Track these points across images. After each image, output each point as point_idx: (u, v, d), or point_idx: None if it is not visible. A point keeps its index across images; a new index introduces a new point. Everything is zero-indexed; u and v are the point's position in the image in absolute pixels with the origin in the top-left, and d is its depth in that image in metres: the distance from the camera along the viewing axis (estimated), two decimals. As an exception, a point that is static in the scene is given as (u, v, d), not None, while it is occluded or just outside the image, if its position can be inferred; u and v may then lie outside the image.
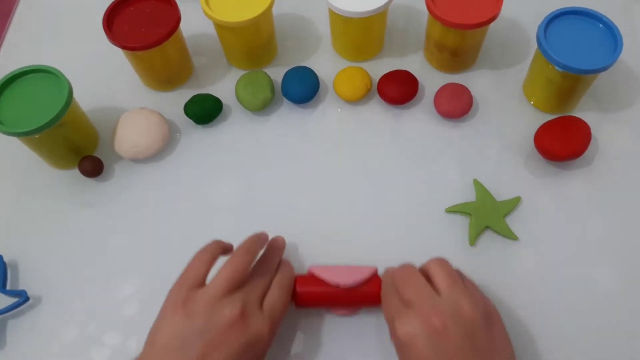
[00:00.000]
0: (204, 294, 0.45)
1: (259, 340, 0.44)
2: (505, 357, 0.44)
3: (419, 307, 0.44)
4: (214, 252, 0.48)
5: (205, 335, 0.43)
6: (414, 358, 0.42)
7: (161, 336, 0.44)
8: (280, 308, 0.47)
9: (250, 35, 0.64)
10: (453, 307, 0.43)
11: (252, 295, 0.46)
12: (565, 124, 0.59)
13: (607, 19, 0.58)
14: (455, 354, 0.41)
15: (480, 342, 0.42)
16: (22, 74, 0.58)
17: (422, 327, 0.42)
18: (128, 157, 0.62)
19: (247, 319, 0.44)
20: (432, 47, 0.65)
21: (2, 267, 0.56)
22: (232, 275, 0.46)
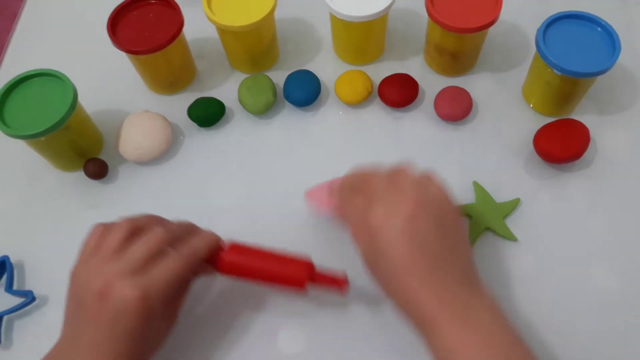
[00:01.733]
0: (83, 267, 0.46)
1: (125, 309, 0.42)
2: (464, 244, 0.45)
3: (389, 194, 0.44)
4: (106, 226, 0.48)
5: (83, 309, 0.44)
6: (384, 244, 0.42)
7: (65, 312, 0.47)
8: (164, 275, 0.44)
9: (253, 39, 0.64)
10: (420, 188, 0.44)
11: (124, 266, 0.44)
12: (564, 126, 0.60)
13: (605, 22, 0.58)
14: (427, 236, 0.42)
15: (449, 226, 0.44)
16: (28, 78, 0.59)
17: (392, 211, 0.43)
18: (132, 160, 0.63)
19: (111, 289, 0.43)
20: (432, 51, 0.66)
21: (9, 267, 0.57)
22: (105, 247, 0.45)
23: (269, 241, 0.57)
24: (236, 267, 0.50)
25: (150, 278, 0.44)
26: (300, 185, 0.61)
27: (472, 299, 0.43)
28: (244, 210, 0.60)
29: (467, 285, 0.43)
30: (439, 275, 0.42)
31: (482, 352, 0.40)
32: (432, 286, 0.42)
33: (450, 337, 0.40)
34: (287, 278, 0.50)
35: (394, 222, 0.43)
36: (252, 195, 0.61)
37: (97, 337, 0.43)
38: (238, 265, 0.50)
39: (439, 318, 0.41)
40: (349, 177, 0.50)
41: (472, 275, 0.45)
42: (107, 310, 0.42)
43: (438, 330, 0.41)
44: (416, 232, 0.42)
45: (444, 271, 0.42)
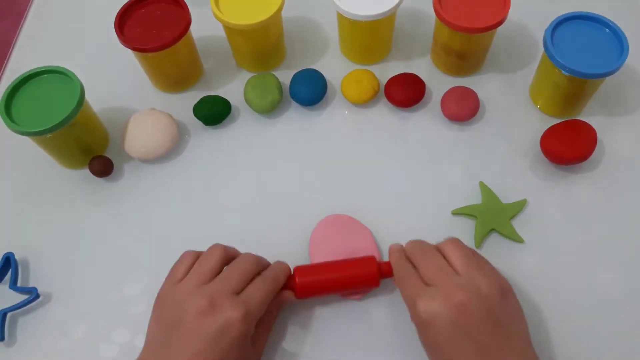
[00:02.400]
0: (181, 286, 0.48)
1: (229, 326, 0.44)
2: (519, 325, 0.46)
3: (440, 286, 0.45)
4: (197, 253, 0.51)
5: (181, 323, 0.45)
6: (436, 335, 0.44)
7: (149, 332, 0.48)
8: (259, 297, 0.48)
9: (259, 38, 0.64)
10: (471, 284, 0.45)
11: (224, 285, 0.47)
12: (571, 127, 0.60)
13: (613, 23, 0.58)
14: (477, 328, 0.43)
15: (497, 313, 0.44)
16: (35, 75, 0.59)
17: (444, 305, 0.44)
18: (138, 158, 0.63)
19: (216, 306, 0.45)
20: (440, 51, 0.66)
21: (14, 264, 0.57)
22: (203, 269, 0.48)
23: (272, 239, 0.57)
24: (313, 285, 0.52)
25: (248, 298, 0.47)
26: (306, 185, 0.61)
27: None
28: (249, 208, 0.60)
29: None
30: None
31: None
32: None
33: None
34: (363, 279, 0.52)
35: (443, 314, 0.44)
36: (257, 194, 0.61)
37: (194, 352, 0.44)
38: (315, 283, 0.51)
39: None
40: (407, 250, 0.51)
41: (526, 354, 0.45)
42: (209, 327, 0.44)
43: None
44: (464, 322, 0.43)
45: (495, 355, 0.43)
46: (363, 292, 0.54)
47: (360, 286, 0.52)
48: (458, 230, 0.57)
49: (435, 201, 0.59)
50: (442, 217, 0.58)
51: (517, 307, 0.47)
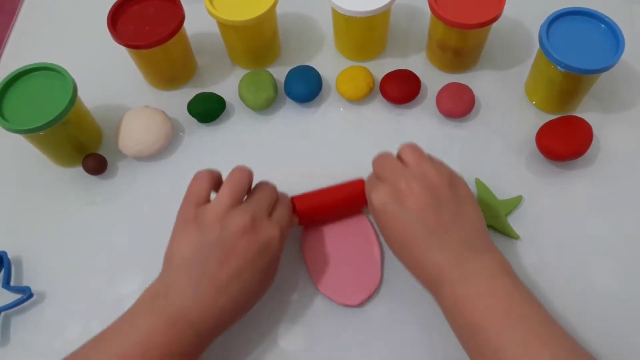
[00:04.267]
0: (211, 208, 0.47)
1: (271, 243, 0.47)
2: (469, 212, 0.48)
3: (388, 178, 0.49)
4: (212, 172, 0.51)
5: (221, 244, 0.46)
6: (386, 219, 0.48)
7: (178, 253, 0.47)
8: (286, 220, 0.50)
9: (254, 34, 0.64)
10: (418, 173, 0.48)
11: (259, 207, 0.48)
12: (567, 123, 0.60)
13: (609, 19, 0.58)
14: (421, 210, 0.46)
15: (444, 198, 0.47)
16: (27, 72, 0.58)
17: (391, 192, 0.48)
18: (131, 155, 0.62)
19: (257, 225, 0.47)
20: (435, 47, 0.65)
21: (7, 263, 0.57)
22: (236, 189, 0.49)
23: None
24: (314, 211, 0.55)
25: (278, 220, 0.49)
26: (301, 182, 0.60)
27: (474, 260, 0.46)
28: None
29: (469, 248, 0.46)
30: (438, 241, 0.46)
31: (485, 299, 0.44)
32: (434, 250, 0.46)
33: (453, 290, 0.45)
34: (357, 200, 0.54)
35: (390, 200, 0.47)
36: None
37: (234, 268, 0.45)
38: (314, 209, 0.54)
39: (443, 275, 0.45)
40: (373, 161, 0.53)
41: (476, 242, 0.47)
42: (251, 244, 0.46)
43: (442, 285, 0.46)
44: (410, 206, 0.47)
45: (444, 237, 0.46)
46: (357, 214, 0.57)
47: (354, 206, 0.56)
48: (454, 227, 0.57)
49: (431, 198, 0.59)
50: (437, 213, 0.58)
51: (468, 196, 0.49)
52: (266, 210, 0.49)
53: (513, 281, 0.46)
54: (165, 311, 0.45)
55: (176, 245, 0.47)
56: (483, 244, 0.47)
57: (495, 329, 0.43)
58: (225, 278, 0.45)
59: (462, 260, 0.45)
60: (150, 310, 0.45)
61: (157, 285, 0.47)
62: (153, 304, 0.46)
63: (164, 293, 0.46)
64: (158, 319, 0.44)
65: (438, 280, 0.46)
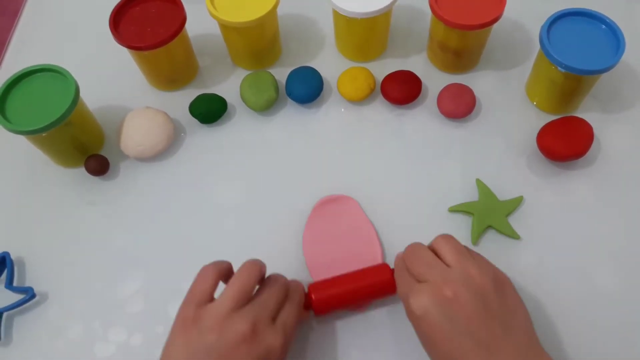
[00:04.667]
0: (212, 309, 0.44)
1: (270, 354, 0.43)
2: (520, 318, 0.44)
3: (429, 280, 0.44)
4: (219, 267, 0.47)
5: (217, 350, 0.42)
6: (429, 330, 0.43)
7: (174, 355, 0.44)
8: (293, 323, 0.47)
9: (255, 35, 0.64)
10: (462, 276, 0.44)
11: (263, 310, 0.45)
12: (567, 124, 0.60)
13: (609, 20, 0.58)
14: (469, 320, 0.42)
15: (493, 305, 0.43)
16: (30, 73, 0.59)
17: (435, 298, 0.43)
18: (133, 156, 0.63)
19: (258, 333, 0.43)
20: (436, 48, 0.65)
21: (9, 264, 0.57)
22: (240, 289, 0.45)
23: (270, 238, 0.57)
24: (331, 300, 0.50)
25: (283, 325, 0.45)
26: (302, 183, 0.61)
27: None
28: (245, 207, 0.60)
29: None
30: (490, 357, 0.41)
31: None
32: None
33: None
34: (380, 288, 0.50)
35: (434, 308, 0.43)
36: (253, 193, 0.61)
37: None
38: (332, 298, 0.50)
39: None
40: (405, 254, 0.49)
41: (530, 352, 0.43)
42: (248, 354, 0.42)
43: None
44: (457, 316, 0.42)
45: (495, 351, 0.42)
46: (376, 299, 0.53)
47: (377, 294, 0.51)
48: (455, 227, 0.57)
49: (432, 198, 0.59)
50: (439, 214, 0.58)
51: (517, 300, 0.46)
52: (271, 314, 0.45)
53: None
54: None
55: (172, 348, 0.44)
56: (536, 354, 0.43)
57: None
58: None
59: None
60: None
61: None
62: None
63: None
64: None
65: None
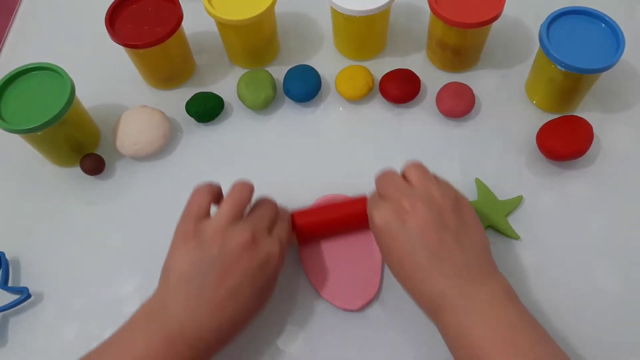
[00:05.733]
0: (212, 223, 0.47)
1: (270, 260, 0.46)
2: (474, 237, 0.47)
3: (391, 196, 0.48)
4: (212, 187, 0.50)
5: (220, 260, 0.45)
6: (388, 240, 0.46)
7: (176, 268, 0.46)
8: (286, 237, 0.50)
9: (253, 33, 0.64)
10: (423, 193, 0.47)
11: (259, 223, 0.48)
12: (567, 123, 0.59)
13: (609, 18, 0.58)
14: (423, 230, 0.45)
15: (448, 222, 0.46)
16: (25, 72, 0.58)
17: (393, 211, 0.46)
18: (129, 155, 0.62)
19: (258, 242, 0.46)
20: (435, 46, 0.65)
21: (4, 264, 0.56)
22: (237, 204, 0.48)
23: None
24: (313, 229, 0.53)
25: (278, 235, 0.49)
26: (299, 181, 0.60)
27: (477, 286, 0.44)
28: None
29: (473, 274, 0.45)
30: (440, 265, 0.44)
31: (488, 327, 0.43)
32: (435, 274, 0.44)
33: (455, 317, 0.43)
34: (360, 219, 0.52)
35: (393, 219, 0.46)
36: (251, 192, 0.61)
37: (233, 284, 0.45)
38: (314, 226, 0.53)
39: (444, 301, 0.44)
40: (377, 177, 0.52)
41: (480, 267, 0.46)
42: (250, 260, 0.45)
43: (442, 311, 0.44)
44: (412, 226, 0.45)
45: (446, 261, 0.45)
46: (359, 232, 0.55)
47: (355, 224, 0.54)
48: (454, 227, 0.57)
49: (431, 198, 0.59)
50: (437, 214, 0.58)
51: (473, 219, 0.48)
52: (267, 226, 0.48)
53: (518, 309, 0.44)
54: (162, 329, 0.44)
55: (174, 260, 0.46)
56: (487, 270, 0.46)
57: (497, 359, 0.41)
58: (224, 295, 0.44)
59: (464, 286, 0.44)
60: (147, 328, 0.44)
61: (153, 301, 0.46)
62: (149, 322, 0.45)
63: (161, 310, 0.45)
64: (155, 337, 0.43)
65: (439, 306, 0.44)
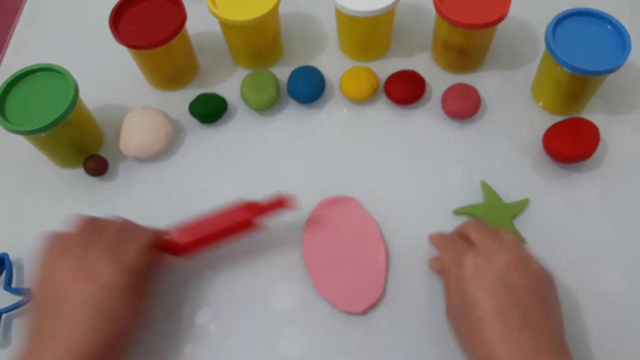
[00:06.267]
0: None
1: (110, 281, 0.45)
2: (558, 314, 0.44)
3: (486, 246, 0.45)
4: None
5: (62, 306, 0.44)
6: (477, 289, 0.42)
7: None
8: (134, 245, 0.48)
9: (256, 34, 0.63)
10: (521, 257, 0.44)
11: (99, 247, 0.47)
12: (573, 125, 0.59)
13: (615, 20, 0.57)
14: (523, 293, 0.41)
15: (544, 291, 0.43)
16: (29, 73, 0.58)
17: (492, 260, 0.43)
18: (132, 156, 0.62)
19: (93, 268, 0.45)
20: (440, 47, 0.65)
21: (8, 265, 0.56)
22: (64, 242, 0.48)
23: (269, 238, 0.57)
24: (192, 242, 0.53)
25: (126, 252, 0.47)
26: (303, 183, 0.60)
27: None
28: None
29: (555, 356, 0.41)
30: (528, 336, 0.40)
31: None
32: (518, 344, 0.39)
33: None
34: (238, 227, 0.53)
35: (490, 269, 0.42)
36: (253, 193, 0.60)
37: (82, 317, 0.43)
38: (192, 240, 0.53)
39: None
40: (455, 231, 0.50)
41: (562, 350, 0.42)
42: (93, 288, 0.44)
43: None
44: (512, 284, 0.41)
45: (535, 334, 0.40)
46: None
47: (239, 233, 0.53)
48: (459, 229, 0.57)
49: (436, 200, 0.58)
50: (443, 216, 0.58)
51: (558, 299, 0.45)
52: (112, 245, 0.47)
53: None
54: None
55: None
56: (565, 356, 0.42)
57: None
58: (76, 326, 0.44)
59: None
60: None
61: None
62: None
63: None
64: None
65: None
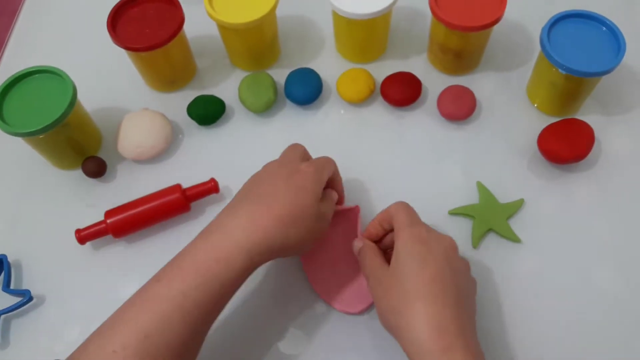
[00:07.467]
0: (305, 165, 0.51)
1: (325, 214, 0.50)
2: (474, 299, 0.48)
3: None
4: (302, 147, 0.54)
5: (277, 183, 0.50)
6: (427, 254, 0.46)
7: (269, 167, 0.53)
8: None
9: (254, 36, 0.64)
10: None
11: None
12: (568, 126, 0.59)
13: (610, 22, 0.58)
14: (444, 277, 0.45)
15: (455, 265, 0.47)
16: (27, 75, 0.58)
17: (440, 238, 0.48)
18: (131, 158, 0.62)
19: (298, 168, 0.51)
20: (436, 49, 0.65)
21: (6, 266, 0.56)
22: (320, 168, 0.52)
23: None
24: (124, 223, 0.56)
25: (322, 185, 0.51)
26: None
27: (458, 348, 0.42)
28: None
29: (463, 335, 0.43)
30: (445, 309, 0.43)
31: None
32: (436, 316, 0.43)
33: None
34: (170, 206, 0.57)
35: (438, 241, 0.47)
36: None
37: (284, 192, 0.49)
38: (125, 221, 0.56)
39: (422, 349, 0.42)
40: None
41: (471, 331, 0.44)
42: (295, 186, 0.49)
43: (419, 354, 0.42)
44: (434, 265, 0.45)
45: (454, 309, 0.43)
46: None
47: (171, 213, 0.58)
48: (455, 230, 0.57)
49: (432, 201, 0.58)
50: (439, 216, 0.58)
51: (474, 287, 0.49)
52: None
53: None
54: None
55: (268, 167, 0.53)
56: (473, 337, 0.44)
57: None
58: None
59: (451, 344, 0.42)
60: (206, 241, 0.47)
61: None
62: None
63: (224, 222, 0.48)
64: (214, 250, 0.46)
65: (416, 349, 0.43)
